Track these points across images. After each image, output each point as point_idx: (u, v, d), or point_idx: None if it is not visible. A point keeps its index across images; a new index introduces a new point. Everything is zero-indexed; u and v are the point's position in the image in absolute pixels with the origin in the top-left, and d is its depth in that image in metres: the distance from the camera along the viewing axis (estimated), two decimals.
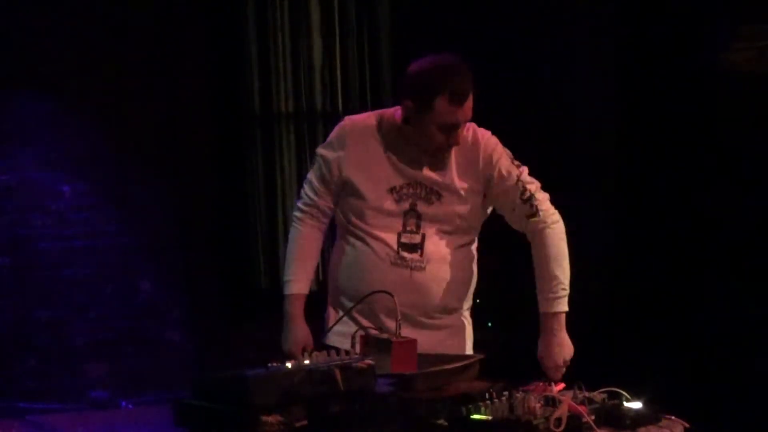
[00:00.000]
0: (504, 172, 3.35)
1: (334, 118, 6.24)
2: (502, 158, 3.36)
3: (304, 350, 3.16)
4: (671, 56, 5.94)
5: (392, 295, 3.00)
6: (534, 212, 3.34)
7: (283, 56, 6.27)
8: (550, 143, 6.32)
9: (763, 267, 5.53)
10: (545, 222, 3.35)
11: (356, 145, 3.36)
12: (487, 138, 3.38)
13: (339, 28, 6.36)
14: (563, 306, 3.34)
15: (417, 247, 3.32)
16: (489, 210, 3.45)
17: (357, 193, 3.34)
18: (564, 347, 3.33)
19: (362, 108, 5.91)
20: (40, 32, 5.83)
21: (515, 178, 3.35)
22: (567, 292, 3.34)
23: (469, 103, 3.25)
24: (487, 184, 3.35)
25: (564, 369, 3.31)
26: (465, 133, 3.33)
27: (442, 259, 3.34)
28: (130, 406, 5.57)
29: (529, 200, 3.34)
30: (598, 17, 6.34)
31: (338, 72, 6.37)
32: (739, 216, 5.73)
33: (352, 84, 6.40)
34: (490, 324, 5.47)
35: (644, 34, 6.09)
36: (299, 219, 3.45)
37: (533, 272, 3.38)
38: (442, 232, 3.34)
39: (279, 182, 6.30)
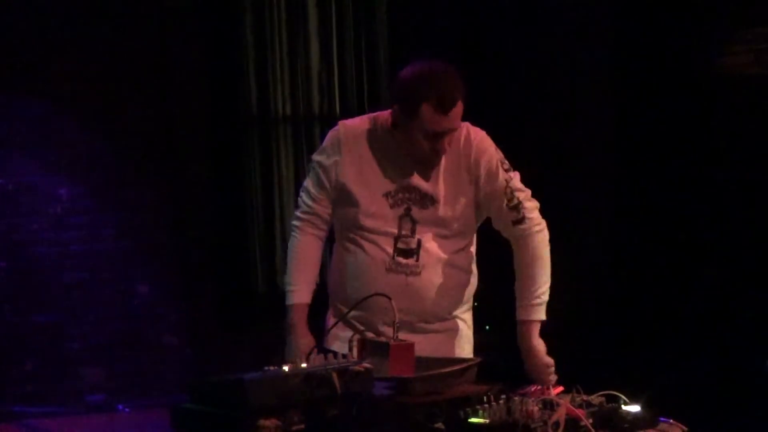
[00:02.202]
0: (492, 175, 3.31)
1: (331, 122, 6.19)
2: (492, 160, 3.32)
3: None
4: (668, 59, 5.95)
5: (389, 298, 2.99)
6: (520, 219, 3.31)
7: (280, 59, 6.27)
8: (549, 145, 6.32)
9: (762, 270, 5.53)
10: (530, 229, 3.32)
11: (351, 149, 3.34)
12: (479, 139, 3.34)
13: (336, 31, 6.36)
14: (541, 314, 3.30)
15: (413, 253, 3.30)
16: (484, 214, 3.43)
17: (352, 199, 3.32)
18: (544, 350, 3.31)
19: (359, 111, 5.91)
20: (37, 36, 5.82)
21: (504, 183, 3.31)
22: (545, 299, 3.30)
23: (457, 111, 3.20)
24: (476, 186, 3.33)
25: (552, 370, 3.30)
26: (458, 132, 3.30)
27: (438, 264, 3.32)
28: (127, 409, 5.55)
29: (516, 207, 3.31)
30: (596, 20, 6.34)
31: (335, 75, 6.37)
32: (737, 218, 5.73)
33: (349, 87, 6.40)
34: (488, 327, 5.46)
35: (641, 37, 6.10)
36: (298, 228, 3.43)
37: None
38: (438, 237, 3.33)
39: (276, 186, 6.29)
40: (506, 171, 3.32)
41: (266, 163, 6.28)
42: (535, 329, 3.30)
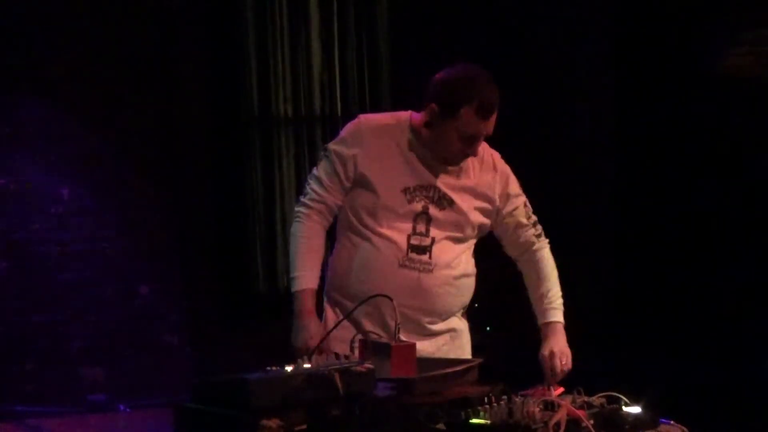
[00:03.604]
0: (516, 192, 3.45)
1: (332, 122, 6.25)
2: (513, 178, 3.46)
3: (307, 350, 3.14)
4: (670, 61, 5.95)
5: (391, 299, 2.99)
6: (540, 233, 3.49)
7: (282, 60, 6.27)
8: (549, 145, 6.32)
9: (762, 270, 5.54)
10: (545, 245, 3.49)
11: (373, 142, 3.33)
12: (500, 159, 3.46)
13: (338, 32, 6.36)
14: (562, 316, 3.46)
15: (426, 250, 3.32)
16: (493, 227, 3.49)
17: (371, 189, 3.31)
18: None
19: (361, 112, 5.89)
20: (39, 36, 5.83)
21: (523, 200, 3.47)
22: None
23: (494, 119, 3.26)
24: (505, 201, 3.42)
25: None
26: (480, 148, 3.35)
27: (450, 262, 3.35)
28: (128, 409, 5.56)
29: (536, 223, 3.48)
30: (597, 21, 6.35)
31: (337, 76, 6.38)
32: (738, 220, 5.74)
33: (350, 88, 6.41)
34: (488, 328, 5.47)
35: (643, 38, 6.10)
36: (304, 214, 3.39)
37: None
38: (451, 239, 3.35)
39: (277, 186, 6.30)
40: (520, 188, 3.47)
41: (267, 164, 6.28)
42: (562, 328, 3.44)
